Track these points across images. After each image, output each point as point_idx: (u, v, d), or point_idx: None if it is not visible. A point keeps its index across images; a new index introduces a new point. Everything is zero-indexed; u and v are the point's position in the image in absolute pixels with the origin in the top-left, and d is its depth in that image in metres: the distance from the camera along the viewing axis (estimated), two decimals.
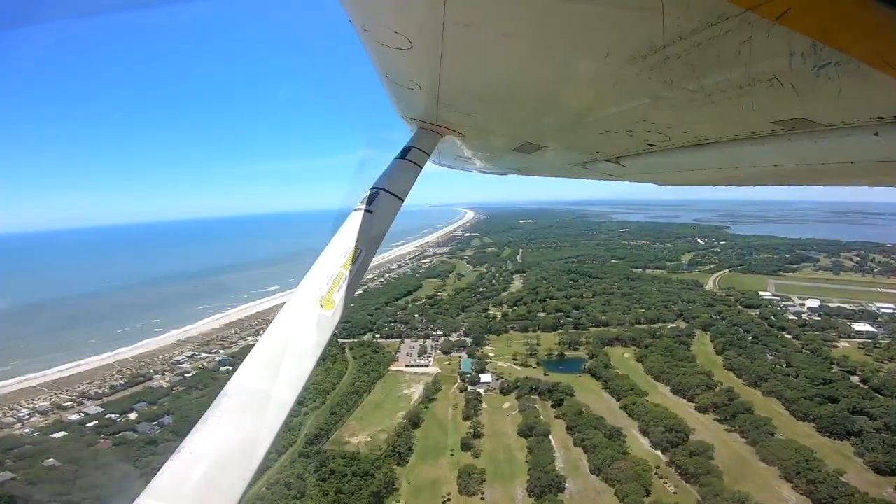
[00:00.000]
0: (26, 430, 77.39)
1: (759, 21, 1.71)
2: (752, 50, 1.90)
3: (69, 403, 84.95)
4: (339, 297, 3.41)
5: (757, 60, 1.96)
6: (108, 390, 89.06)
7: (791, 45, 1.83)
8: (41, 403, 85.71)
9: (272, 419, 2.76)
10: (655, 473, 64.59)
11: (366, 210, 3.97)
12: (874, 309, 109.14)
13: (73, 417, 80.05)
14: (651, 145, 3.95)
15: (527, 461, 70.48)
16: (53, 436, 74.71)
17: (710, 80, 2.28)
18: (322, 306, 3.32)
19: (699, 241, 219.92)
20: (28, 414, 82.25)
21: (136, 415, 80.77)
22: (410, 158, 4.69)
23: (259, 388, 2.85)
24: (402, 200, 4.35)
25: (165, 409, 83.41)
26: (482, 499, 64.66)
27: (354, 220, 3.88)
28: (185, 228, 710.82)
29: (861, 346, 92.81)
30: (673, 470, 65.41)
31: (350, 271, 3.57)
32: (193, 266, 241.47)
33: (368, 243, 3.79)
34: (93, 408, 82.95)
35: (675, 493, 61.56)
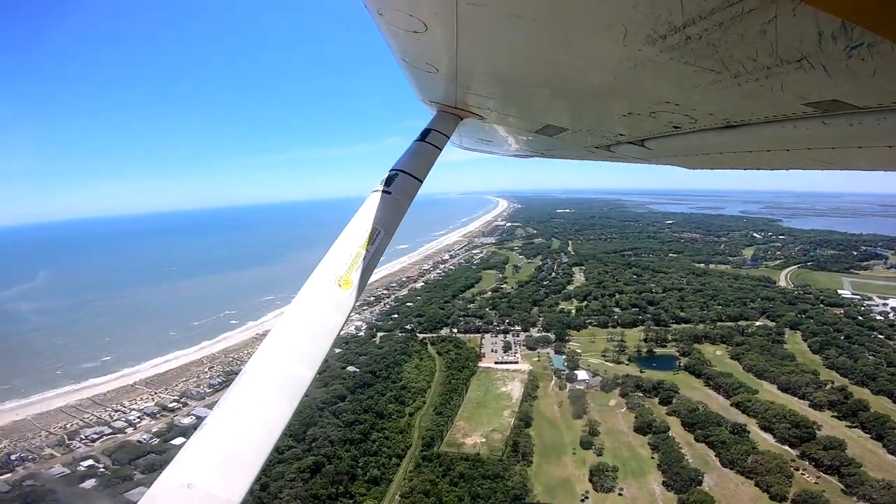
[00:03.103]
0: (144, 437, 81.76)
1: (784, 0, 1.81)
2: (778, 30, 1.98)
3: (174, 404, 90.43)
4: (356, 276, 3.79)
5: (784, 41, 2.05)
6: (207, 389, 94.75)
7: (819, 25, 1.88)
8: (145, 404, 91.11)
9: (290, 397, 3.12)
10: (791, 466, 72.85)
11: (384, 191, 4.33)
12: None
13: (186, 421, 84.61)
14: (676, 127, 4.17)
15: (653, 458, 78.20)
16: (172, 442, 78.67)
17: (735, 60, 2.40)
18: (340, 286, 3.70)
19: (755, 234, 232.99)
20: (138, 417, 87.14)
21: None
22: (429, 141, 5.06)
23: (278, 366, 3.23)
24: (421, 182, 4.68)
25: None
26: (620, 495, 72.10)
27: (373, 202, 4.24)
28: (219, 216, 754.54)
29: None
30: (807, 463, 73.79)
31: (368, 251, 3.94)
32: (240, 255, 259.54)
33: (387, 224, 4.14)
34: (200, 409, 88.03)
35: (816, 483, 69.97)
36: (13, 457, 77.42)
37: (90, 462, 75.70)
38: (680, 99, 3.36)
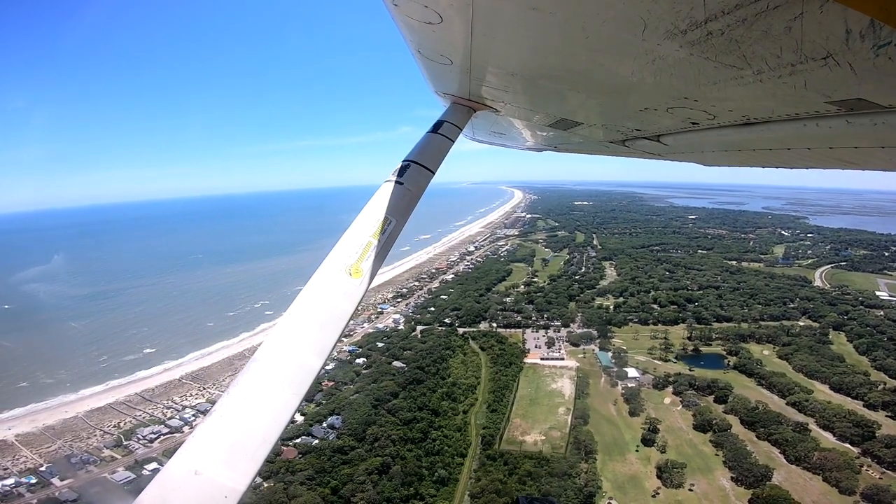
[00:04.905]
0: None
1: None
2: (804, 26, 2.05)
3: None
4: (367, 266, 4.07)
5: (810, 38, 2.12)
6: None
7: (847, 23, 1.94)
8: (196, 400, 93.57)
9: (298, 385, 3.34)
10: (856, 463, 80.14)
11: (396, 182, 4.74)
12: None
13: None
14: (694, 123, 4.34)
15: (717, 454, 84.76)
16: None
17: (758, 57, 2.48)
18: (351, 275, 3.97)
19: (783, 232, 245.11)
20: (192, 415, 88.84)
21: (301, 416, 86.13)
22: (442, 132, 5.57)
23: (287, 354, 3.47)
24: (433, 173, 5.16)
25: (328, 408, 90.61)
26: (690, 490, 78.54)
27: (385, 192, 4.63)
28: (238, 203, 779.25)
29: None
30: (870, 460, 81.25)
31: (379, 241, 4.25)
32: (264, 242, 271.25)
33: (398, 214, 4.50)
34: None
35: (880, 478, 77.53)
36: (73, 460, 77.46)
37: (154, 465, 75.63)
38: (699, 95, 3.52)
